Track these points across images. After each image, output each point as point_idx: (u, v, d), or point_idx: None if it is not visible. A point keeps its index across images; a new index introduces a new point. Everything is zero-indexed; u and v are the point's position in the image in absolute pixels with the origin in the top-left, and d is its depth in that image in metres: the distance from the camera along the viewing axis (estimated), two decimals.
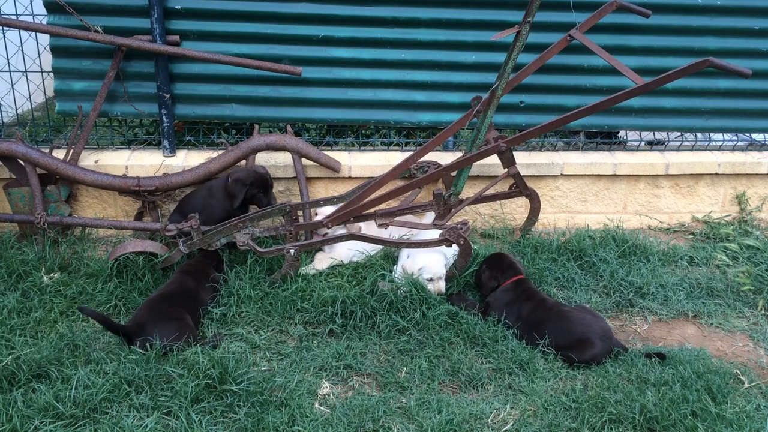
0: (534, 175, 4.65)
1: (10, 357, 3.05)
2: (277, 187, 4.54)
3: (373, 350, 3.38)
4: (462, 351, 3.36)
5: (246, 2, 4.29)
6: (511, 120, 4.71)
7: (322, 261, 4.04)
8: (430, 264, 3.73)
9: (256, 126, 4.48)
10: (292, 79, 4.40)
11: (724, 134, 5.04)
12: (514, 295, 3.61)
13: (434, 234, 3.84)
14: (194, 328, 3.32)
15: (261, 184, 4.04)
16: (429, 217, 4.39)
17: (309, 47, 4.42)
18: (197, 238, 3.78)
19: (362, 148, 4.79)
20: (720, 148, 5.01)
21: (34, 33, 4.28)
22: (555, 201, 4.80)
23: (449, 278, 3.86)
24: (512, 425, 2.90)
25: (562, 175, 4.71)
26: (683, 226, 4.92)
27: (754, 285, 4.06)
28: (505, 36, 3.76)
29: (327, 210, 4.03)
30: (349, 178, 4.53)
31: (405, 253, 3.91)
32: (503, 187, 4.44)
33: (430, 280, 3.71)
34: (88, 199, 4.46)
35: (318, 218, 3.92)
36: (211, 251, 3.85)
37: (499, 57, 4.21)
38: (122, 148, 4.61)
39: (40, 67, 4.52)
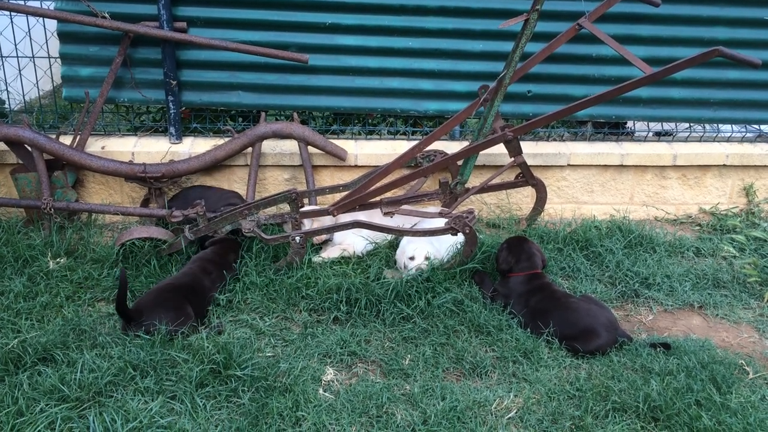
0: (541, 165, 4.63)
1: (16, 340, 3.07)
2: (283, 175, 4.55)
3: (377, 337, 3.38)
4: (466, 339, 3.36)
5: None
6: (518, 109, 4.69)
7: (333, 250, 4.04)
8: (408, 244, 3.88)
9: (263, 113, 4.47)
10: (299, 66, 4.39)
11: (733, 125, 5.01)
12: (525, 288, 3.60)
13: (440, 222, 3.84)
14: (194, 318, 3.29)
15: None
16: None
17: (316, 35, 4.40)
18: (203, 225, 3.79)
19: (369, 136, 4.78)
20: (728, 140, 4.98)
21: (41, 18, 4.27)
22: (561, 191, 4.78)
23: (451, 266, 3.87)
24: (516, 413, 2.90)
25: (568, 165, 4.70)
26: (690, 217, 4.90)
27: (760, 276, 4.05)
28: (513, 24, 3.74)
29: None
30: (356, 166, 4.53)
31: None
32: (509, 176, 4.42)
33: (412, 258, 3.78)
34: (95, 185, 4.47)
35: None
36: (231, 239, 3.86)
37: (506, 46, 4.18)
38: (129, 135, 4.62)
39: (48, 53, 4.52)
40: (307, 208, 4.02)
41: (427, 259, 3.79)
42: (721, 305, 3.85)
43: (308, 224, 4.00)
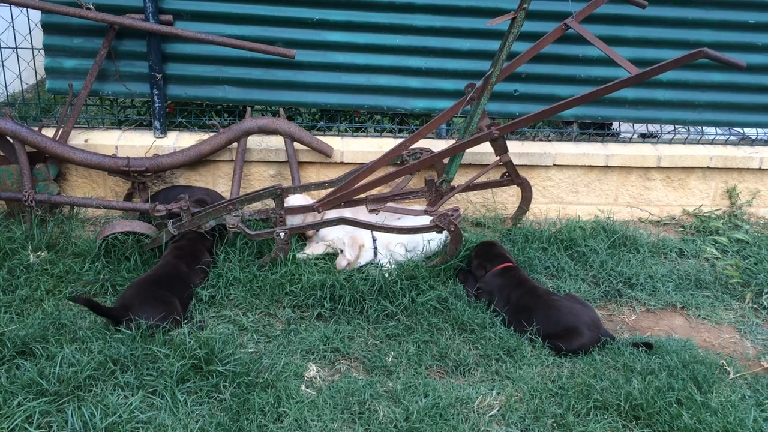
0: (526, 165, 4.64)
1: None
2: (269, 171, 4.52)
3: (360, 334, 3.37)
4: (450, 337, 3.36)
5: None
6: (504, 109, 4.69)
7: (317, 247, 4.02)
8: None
9: (249, 109, 4.45)
10: (286, 62, 4.37)
11: (717, 128, 5.04)
12: (502, 280, 3.62)
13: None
14: (181, 311, 3.29)
15: None
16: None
17: (303, 30, 4.38)
18: (187, 220, 3.76)
19: (355, 134, 4.77)
20: (712, 142, 5.02)
21: (25, 9, 4.22)
22: (547, 191, 4.79)
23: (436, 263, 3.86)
24: (498, 410, 2.90)
25: (554, 165, 4.71)
26: (674, 218, 4.93)
27: (742, 278, 4.08)
28: (501, 22, 3.74)
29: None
30: (341, 163, 4.51)
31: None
32: (495, 175, 4.43)
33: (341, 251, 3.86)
34: (77, 178, 4.42)
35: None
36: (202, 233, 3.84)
37: (494, 45, 4.20)
38: (112, 128, 4.57)
39: (31, 44, 4.46)
40: (291, 201, 4.00)
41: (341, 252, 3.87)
42: (703, 306, 3.88)
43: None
